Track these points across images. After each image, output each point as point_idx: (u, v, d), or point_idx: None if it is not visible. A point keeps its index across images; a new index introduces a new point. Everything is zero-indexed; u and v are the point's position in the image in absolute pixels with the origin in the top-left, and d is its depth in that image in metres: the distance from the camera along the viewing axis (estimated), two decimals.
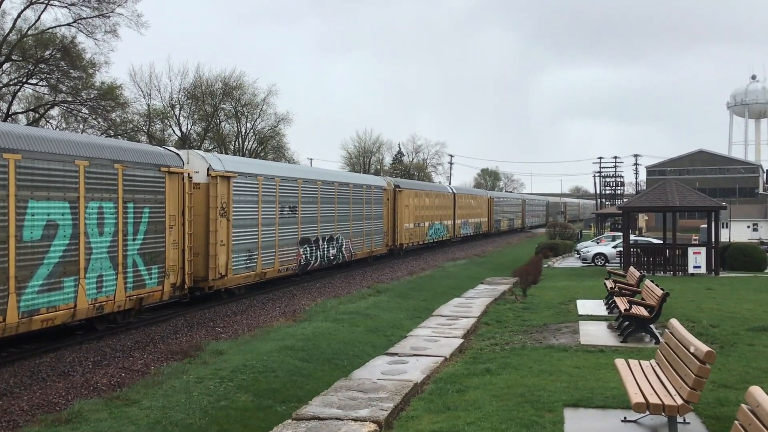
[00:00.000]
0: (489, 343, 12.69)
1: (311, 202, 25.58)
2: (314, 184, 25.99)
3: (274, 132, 65.37)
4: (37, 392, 10.89)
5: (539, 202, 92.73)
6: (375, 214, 32.84)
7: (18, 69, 41.64)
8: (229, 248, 19.76)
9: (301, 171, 27.09)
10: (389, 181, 37.24)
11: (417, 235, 40.30)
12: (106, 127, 44.14)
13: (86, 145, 14.48)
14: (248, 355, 12.80)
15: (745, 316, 14.95)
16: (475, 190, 70.28)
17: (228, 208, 19.75)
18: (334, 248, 27.67)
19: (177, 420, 9.39)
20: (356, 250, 30.34)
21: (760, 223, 72.80)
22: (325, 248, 26.77)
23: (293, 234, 23.95)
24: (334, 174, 32.01)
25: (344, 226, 28.93)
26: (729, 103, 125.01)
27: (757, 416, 4.59)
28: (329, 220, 27.30)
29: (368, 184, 32.53)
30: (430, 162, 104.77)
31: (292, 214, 23.80)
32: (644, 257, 27.73)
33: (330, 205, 27.47)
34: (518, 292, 20.22)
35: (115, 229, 14.98)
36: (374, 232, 32.76)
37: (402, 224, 37.08)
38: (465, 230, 52.85)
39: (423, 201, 41.33)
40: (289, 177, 24.08)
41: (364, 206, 31.38)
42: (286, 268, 23.36)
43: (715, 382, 8.90)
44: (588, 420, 7.72)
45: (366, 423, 7.70)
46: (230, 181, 19.90)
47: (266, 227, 21.98)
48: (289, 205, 23.55)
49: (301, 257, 24.54)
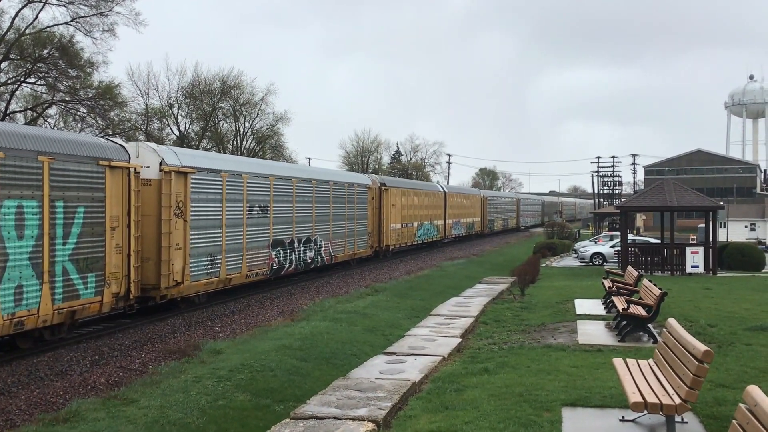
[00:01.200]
0: (487, 343, 12.69)
1: (285, 201, 23.68)
2: (289, 182, 23.99)
3: (272, 131, 65.41)
4: (35, 391, 10.88)
5: (534, 202, 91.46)
6: (358, 214, 30.85)
7: (16, 68, 41.59)
8: (186, 252, 17.74)
9: (273, 167, 24.89)
10: (374, 179, 35.49)
11: (405, 236, 38.52)
12: (105, 126, 44.10)
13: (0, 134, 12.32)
14: (246, 355, 12.79)
15: (742, 315, 14.97)
16: (468, 189, 68.55)
17: (185, 207, 17.78)
18: (311, 251, 25.70)
19: (175, 419, 9.39)
20: (337, 252, 28.39)
21: (757, 222, 72.89)
22: (301, 251, 24.78)
23: (264, 236, 21.98)
24: (313, 171, 29.83)
25: (323, 226, 26.93)
26: (727, 103, 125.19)
27: (755, 415, 4.60)
28: (306, 220, 25.40)
29: (350, 182, 30.52)
30: (428, 161, 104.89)
31: (262, 215, 21.84)
32: (642, 257, 27.77)
33: (307, 204, 25.52)
34: (516, 292, 20.24)
35: (40, 232, 12.92)
36: (357, 233, 30.71)
37: (388, 224, 35.25)
38: (457, 230, 51.34)
39: (411, 200, 39.66)
40: (260, 174, 22.05)
41: (346, 205, 29.33)
42: (255, 273, 21.38)
43: (712, 382, 8.91)
44: (586, 419, 7.73)
45: (364, 422, 7.70)
46: (188, 178, 17.91)
47: (232, 229, 20.01)
48: (259, 204, 21.59)
49: (273, 261, 22.59)
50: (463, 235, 53.47)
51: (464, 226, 53.46)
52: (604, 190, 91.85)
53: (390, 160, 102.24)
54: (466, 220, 54.09)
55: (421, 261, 36.32)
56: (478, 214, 58.37)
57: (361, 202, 31.27)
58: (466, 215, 54.15)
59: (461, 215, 52.70)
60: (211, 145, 60.27)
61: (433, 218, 44.47)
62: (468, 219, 54.88)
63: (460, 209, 52.55)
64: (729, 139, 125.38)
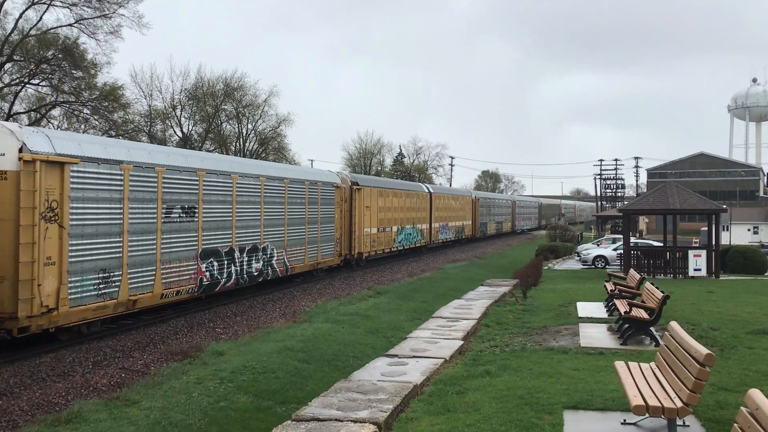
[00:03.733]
0: (489, 345, 12.69)
1: (222, 201, 19.39)
2: (227, 179, 19.66)
3: (275, 133, 65.55)
4: (37, 392, 10.89)
5: (531, 204, 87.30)
6: (323, 217, 26.77)
7: (20, 69, 41.73)
8: (62, 268, 13.59)
9: (204, 159, 19.70)
10: (344, 176, 31.24)
11: (382, 241, 34.40)
12: (108, 128, 44.21)
13: None
14: (248, 356, 12.80)
15: (745, 319, 14.95)
16: (457, 190, 63.38)
17: (62, 209, 13.65)
18: (258, 261, 21.47)
19: (177, 421, 9.40)
20: (295, 262, 24.23)
21: (760, 226, 72.82)
22: (244, 262, 20.59)
23: (189, 244, 17.73)
24: (262, 165, 24.60)
25: (276, 232, 22.77)
26: (730, 106, 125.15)
27: (757, 419, 4.60)
28: (252, 225, 21.15)
29: (313, 180, 26.22)
30: (430, 164, 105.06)
31: (187, 218, 17.63)
32: (644, 260, 27.74)
33: (254, 206, 21.25)
34: (518, 294, 20.23)
35: None
36: (322, 240, 26.59)
37: (361, 229, 31.13)
38: (444, 235, 47.23)
39: (390, 201, 35.72)
40: (184, 167, 17.67)
41: (307, 207, 25.21)
42: (176, 291, 17.20)
43: (714, 385, 8.90)
44: (587, 422, 7.73)
45: (365, 424, 7.70)
46: (65, 170, 13.75)
47: (139, 236, 15.75)
48: (182, 205, 17.43)
49: (203, 275, 18.32)
50: (451, 240, 49.56)
51: (453, 230, 49.57)
52: (607, 192, 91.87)
53: (393, 162, 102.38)
54: (455, 223, 50.14)
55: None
56: (468, 217, 54.51)
57: (326, 203, 27.24)
58: (455, 218, 50.20)
59: (449, 218, 48.82)
60: (214, 147, 60.40)
61: (416, 221, 40.70)
62: (457, 222, 50.94)
63: (449, 212, 48.69)
64: (732, 143, 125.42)
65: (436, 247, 46.86)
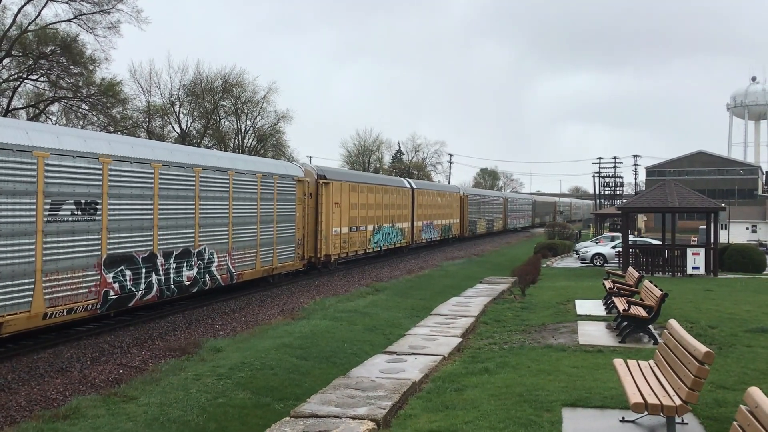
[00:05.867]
0: (487, 343, 12.69)
1: (138, 196, 15.83)
2: (145, 167, 16.05)
3: (274, 129, 65.47)
4: (35, 388, 10.88)
5: (524, 202, 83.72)
6: (281, 214, 23.26)
7: (18, 64, 41.65)
8: None
9: (113, 144, 15.70)
10: (308, 169, 27.61)
11: (355, 242, 31.05)
12: (106, 123, 44.15)
13: None
14: (246, 353, 12.80)
15: (743, 317, 14.96)
16: (444, 186, 60.41)
17: None
18: (191, 267, 17.88)
19: (174, 417, 9.40)
20: (243, 267, 20.56)
21: (759, 224, 72.89)
22: (171, 269, 17.01)
23: (88, 250, 14.27)
24: (198, 153, 20.34)
25: (217, 233, 19.10)
26: (729, 105, 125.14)
27: (756, 417, 4.59)
28: (182, 225, 17.56)
29: (267, 172, 22.52)
30: (429, 161, 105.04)
31: (84, 217, 14.21)
32: (643, 258, 27.76)
33: (186, 201, 17.74)
34: (517, 292, 20.23)
35: None
36: (279, 241, 23.09)
37: (329, 228, 27.75)
38: (428, 234, 43.89)
39: (365, 197, 32.43)
40: (80, 153, 14.17)
41: (259, 204, 21.67)
42: (67, 309, 13.64)
43: (713, 383, 8.90)
44: (586, 420, 7.72)
45: (364, 421, 7.70)
46: None
47: (6, 239, 12.28)
48: (76, 200, 14.01)
49: (109, 287, 14.83)
50: (436, 240, 46.42)
51: (438, 229, 46.18)
52: (606, 190, 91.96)
53: (391, 160, 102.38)
54: (440, 221, 46.73)
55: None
56: (456, 215, 51.00)
57: (285, 199, 23.64)
58: (440, 216, 46.86)
59: (434, 216, 45.43)
60: (213, 143, 60.33)
61: (396, 220, 37.30)
62: (443, 221, 47.53)
63: (434, 209, 45.36)
64: (731, 141, 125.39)
65: (421, 248, 44.30)
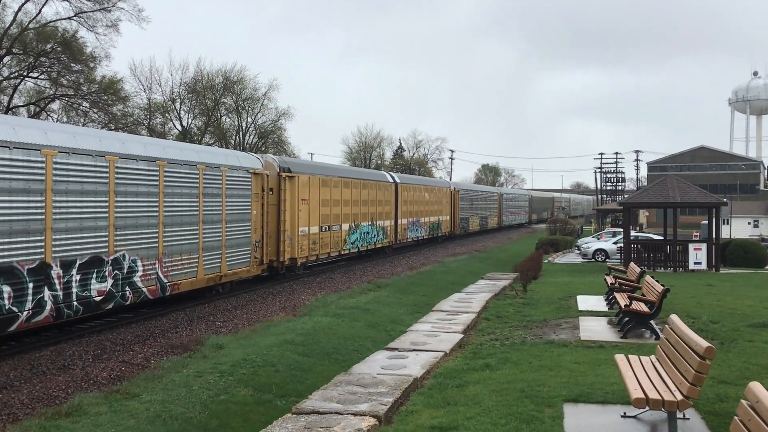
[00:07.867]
0: (489, 339, 12.69)
1: (22, 191, 12.52)
2: (33, 155, 12.76)
3: (275, 126, 65.47)
4: (37, 385, 10.90)
5: (520, 197, 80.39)
6: (233, 213, 19.97)
7: (19, 62, 41.64)
8: None
9: None
10: (269, 161, 23.95)
11: (326, 243, 27.55)
12: (107, 121, 44.14)
13: None
14: (248, 350, 12.81)
15: (745, 312, 14.95)
16: (432, 180, 57.72)
17: None
18: (103, 279, 14.53)
19: (177, 414, 9.41)
20: (177, 276, 17.22)
21: (761, 219, 72.85)
22: (72, 282, 13.63)
23: None
24: (116, 139, 16.18)
25: (141, 236, 15.82)
26: (731, 100, 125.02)
27: (757, 412, 4.59)
28: (90, 226, 14.21)
29: (212, 164, 18.96)
30: (430, 157, 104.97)
31: None
32: (645, 253, 27.74)
33: (95, 198, 14.40)
34: (518, 288, 20.23)
35: None
36: (230, 245, 19.79)
37: (294, 228, 24.37)
38: (414, 233, 40.72)
39: (338, 193, 29.02)
40: None
41: (202, 200, 18.30)
42: None
43: (714, 378, 8.90)
44: (588, 415, 7.73)
45: (366, 417, 7.70)
46: None
47: None
48: None
49: None
50: (424, 238, 43.31)
51: (425, 227, 43.01)
52: (607, 186, 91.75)
53: (392, 156, 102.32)
54: (428, 219, 43.60)
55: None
56: (446, 212, 47.97)
57: (237, 194, 20.36)
58: (428, 213, 43.74)
59: (422, 213, 42.22)
60: (214, 140, 60.33)
61: (376, 217, 33.91)
62: (432, 218, 44.49)
63: (420, 205, 42.11)
64: (733, 136, 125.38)
65: (408, 247, 41.31)
